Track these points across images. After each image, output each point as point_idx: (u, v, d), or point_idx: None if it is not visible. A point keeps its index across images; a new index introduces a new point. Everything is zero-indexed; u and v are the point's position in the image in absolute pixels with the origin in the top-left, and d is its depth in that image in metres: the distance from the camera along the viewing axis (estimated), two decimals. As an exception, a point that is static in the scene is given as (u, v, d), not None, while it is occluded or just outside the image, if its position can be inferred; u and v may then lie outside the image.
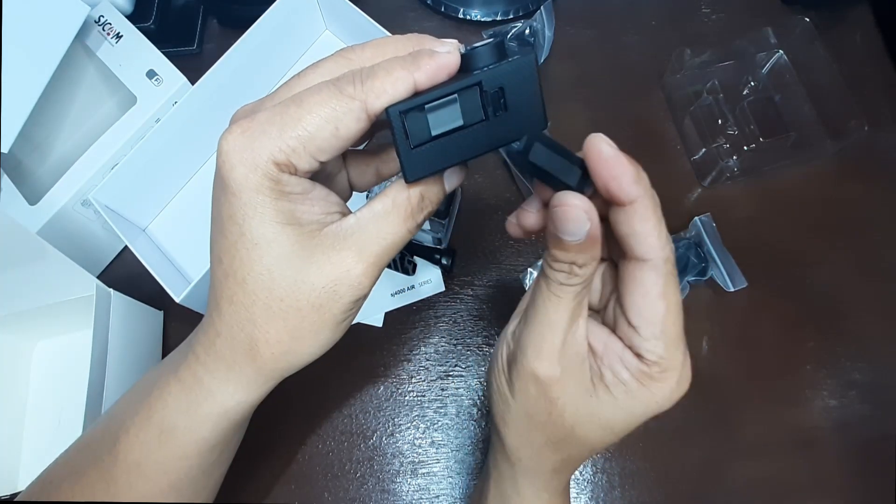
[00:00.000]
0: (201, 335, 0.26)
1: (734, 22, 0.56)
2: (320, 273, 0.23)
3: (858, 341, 0.47)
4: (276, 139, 0.21)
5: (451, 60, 0.22)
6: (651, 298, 0.23)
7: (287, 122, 0.21)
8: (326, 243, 0.23)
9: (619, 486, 0.44)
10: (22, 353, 0.47)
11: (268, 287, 0.23)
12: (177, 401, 0.26)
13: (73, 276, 0.41)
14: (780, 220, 0.50)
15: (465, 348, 0.47)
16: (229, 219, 0.22)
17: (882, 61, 0.54)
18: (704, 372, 0.46)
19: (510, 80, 0.22)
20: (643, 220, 0.22)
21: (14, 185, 0.46)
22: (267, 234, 0.22)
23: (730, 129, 0.49)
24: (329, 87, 0.21)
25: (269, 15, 0.47)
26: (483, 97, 0.22)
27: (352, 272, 0.23)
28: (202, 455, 0.27)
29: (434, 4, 0.57)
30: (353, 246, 0.23)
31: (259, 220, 0.22)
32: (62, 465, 0.30)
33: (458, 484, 0.44)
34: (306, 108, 0.21)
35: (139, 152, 0.45)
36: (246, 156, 0.21)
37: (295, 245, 0.22)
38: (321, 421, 0.46)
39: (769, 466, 0.44)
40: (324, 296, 0.23)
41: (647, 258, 0.23)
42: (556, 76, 0.55)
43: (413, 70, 0.21)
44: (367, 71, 0.21)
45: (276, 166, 0.21)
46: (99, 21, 0.49)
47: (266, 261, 0.22)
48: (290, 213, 0.22)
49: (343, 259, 0.23)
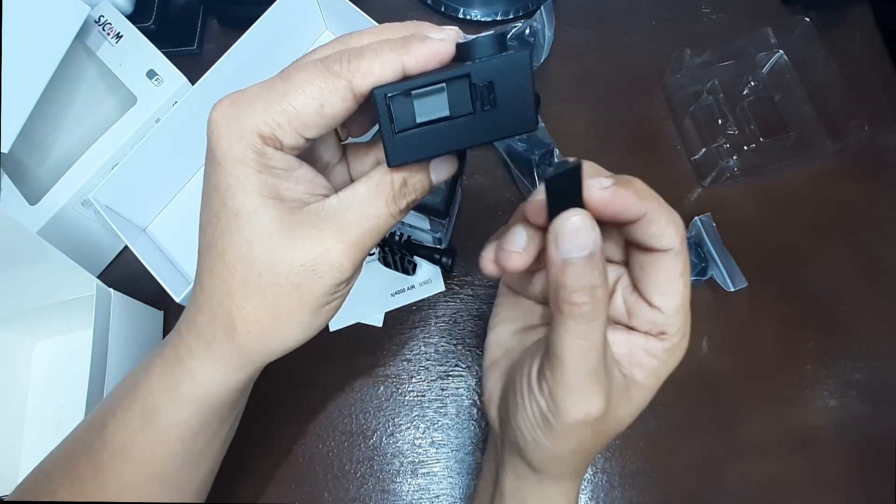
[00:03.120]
0: (185, 312, 0.26)
1: (734, 22, 0.56)
2: (300, 250, 0.23)
3: (858, 341, 0.47)
4: (262, 112, 0.21)
5: (444, 48, 0.21)
6: (674, 279, 0.24)
7: (273, 96, 0.21)
8: (308, 221, 0.23)
9: (619, 486, 0.44)
10: (22, 353, 0.47)
11: (247, 259, 0.23)
12: (159, 381, 0.26)
13: (73, 276, 0.41)
14: (780, 220, 0.50)
15: (465, 348, 0.47)
16: (214, 189, 0.22)
17: (882, 61, 0.54)
18: (704, 372, 0.46)
19: (501, 76, 0.21)
20: (657, 223, 0.23)
21: (14, 185, 0.46)
22: (248, 204, 0.22)
23: (730, 129, 0.49)
24: (316, 65, 0.21)
25: (269, 15, 0.47)
26: (472, 90, 0.21)
27: (332, 252, 0.23)
28: (185, 442, 0.27)
29: (434, 4, 0.57)
30: (333, 226, 0.23)
31: (241, 191, 0.22)
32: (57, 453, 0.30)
33: (458, 484, 0.44)
34: (292, 84, 0.21)
35: (139, 152, 0.45)
36: (232, 126, 0.21)
37: (276, 219, 0.22)
38: (321, 421, 0.46)
39: (769, 466, 0.44)
40: (303, 274, 0.23)
41: (668, 248, 0.23)
42: (556, 76, 0.55)
43: (402, 53, 0.21)
44: (355, 51, 0.21)
45: (260, 139, 0.21)
46: (99, 21, 0.50)
47: (245, 232, 0.22)
48: (272, 187, 0.22)
49: (324, 238, 0.23)
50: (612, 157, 0.51)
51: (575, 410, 0.23)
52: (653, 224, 0.23)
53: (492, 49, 0.21)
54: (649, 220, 0.23)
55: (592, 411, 0.23)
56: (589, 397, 0.23)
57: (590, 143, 0.52)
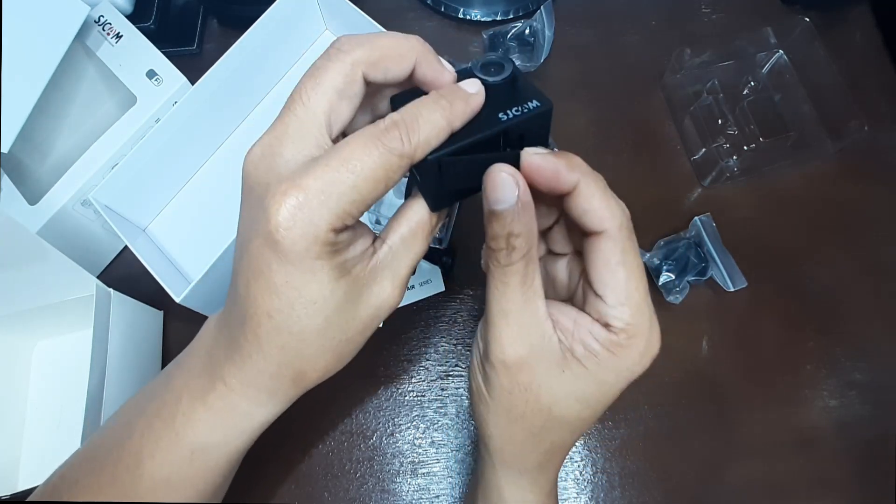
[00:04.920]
0: (235, 370, 0.26)
1: (734, 22, 0.56)
2: (367, 306, 0.25)
3: (858, 341, 0.47)
4: (335, 208, 0.21)
5: (481, 102, 0.24)
6: (612, 266, 0.24)
7: (342, 189, 0.21)
8: (370, 280, 0.25)
9: (619, 486, 0.44)
10: (22, 353, 0.47)
11: (323, 332, 0.24)
12: (208, 424, 0.27)
13: (73, 276, 0.41)
14: (780, 220, 0.50)
15: (465, 348, 0.47)
16: (285, 284, 0.23)
17: (882, 61, 0.54)
18: (704, 372, 0.46)
19: (529, 127, 0.24)
20: (590, 198, 0.24)
21: (14, 185, 0.46)
22: (325, 292, 0.23)
23: (730, 129, 0.49)
24: (379, 148, 0.22)
25: (269, 15, 0.47)
26: (504, 139, 0.24)
27: (391, 297, 0.26)
28: (232, 464, 0.29)
29: (434, 4, 0.57)
30: (389, 275, 0.25)
31: (318, 283, 0.23)
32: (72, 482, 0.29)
33: (458, 484, 0.44)
34: (360, 174, 0.21)
35: (139, 152, 0.45)
36: (307, 229, 0.21)
37: (348, 293, 0.24)
38: (321, 421, 0.46)
39: (769, 466, 0.44)
40: (367, 322, 0.26)
41: (601, 229, 0.24)
42: (556, 76, 0.55)
43: (451, 119, 0.23)
44: (410, 123, 0.22)
45: (333, 232, 0.22)
46: (99, 21, 0.49)
47: (324, 314, 0.24)
48: (342, 266, 0.23)
49: (383, 289, 0.25)
50: (613, 158, 0.51)
51: (495, 350, 0.25)
52: (583, 199, 0.24)
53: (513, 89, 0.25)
54: (580, 193, 0.24)
55: (509, 353, 0.25)
56: (508, 341, 0.25)
57: (590, 143, 0.52)
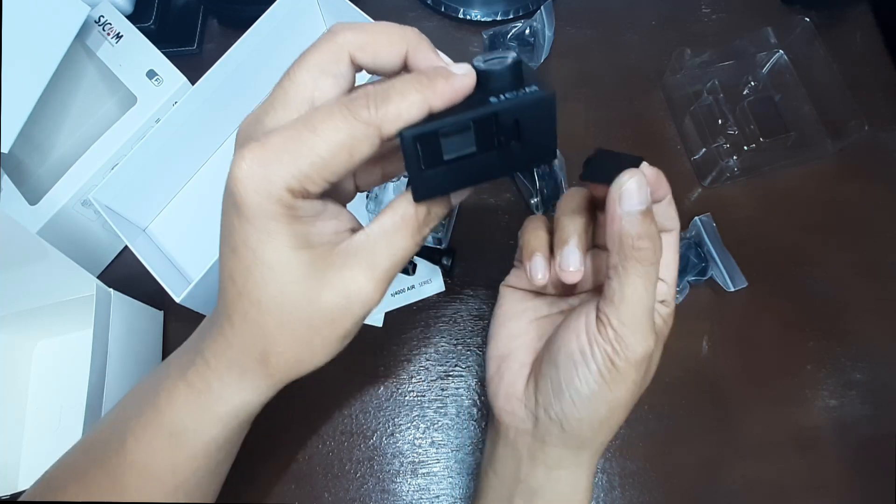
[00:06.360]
0: (210, 342, 0.26)
1: (734, 22, 0.56)
2: (333, 291, 0.23)
3: (858, 341, 0.47)
4: (291, 166, 0.21)
5: (468, 83, 0.22)
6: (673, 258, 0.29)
7: (301, 149, 0.21)
8: (338, 262, 0.23)
9: (619, 486, 0.44)
10: (22, 353, 0.47)
11: (281, 306, 0.23)
12: (186, 404, 0.27)
13: (73, 276, 0.41)
14: (781, 220, 0.50)
15: (465, 348, 0.47)
16: (243, 244, 0.22)
17: (882, 61, 0.54)
18: (704, 372, 0.46)
19: (527, 115, 0.22)
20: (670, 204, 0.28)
21: (14, 185, 0.46)
22: (282, 258, 0.22)
23: (730, 129, 0.49)
24: (343, 112, 0.21)
25: (269, 15, 0.47)
26: (498, 127, 0.22)
27: (363, 289, 0.24)
28: (210, 455, 0.28)
29: (434, 4, 0.57)
30: (363, 262, 0.24)
31: (273, 245, 0.22)
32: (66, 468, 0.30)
33: (458, 484, 0.44)
34: (321, 135, 0.21)
35: (139, 152, 0.45)
36: (261, 184, 0.21)
37: (308, 267, 0.23)
38: (321, 421, 0.46)
39: (769, 466, 0.44)
40: (336, 311, 0.24)
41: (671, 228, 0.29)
42: (556, 76, 0.55)
43: (429, 94, 0.21)
44: (381, 94, 0.21)
45: (290, 193, 0.21)
46: (99, 21, 0.50)
47: (280, 283, 0.23)
48: (303, 236, 0.23)
49: (354, 277, 0.24)
50: (612, 157, 0.51)
51: (638, 346, 0.26)
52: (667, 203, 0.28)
53: (511, 79, 0.22)
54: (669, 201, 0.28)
55: (650, 345, 0.26)
56: (648, 333, 0.26)
57: (590, 143, 0.52)
